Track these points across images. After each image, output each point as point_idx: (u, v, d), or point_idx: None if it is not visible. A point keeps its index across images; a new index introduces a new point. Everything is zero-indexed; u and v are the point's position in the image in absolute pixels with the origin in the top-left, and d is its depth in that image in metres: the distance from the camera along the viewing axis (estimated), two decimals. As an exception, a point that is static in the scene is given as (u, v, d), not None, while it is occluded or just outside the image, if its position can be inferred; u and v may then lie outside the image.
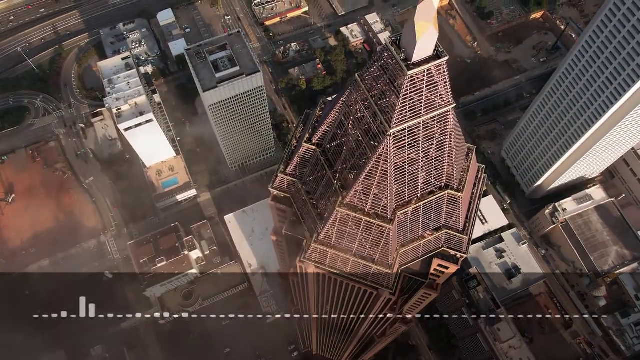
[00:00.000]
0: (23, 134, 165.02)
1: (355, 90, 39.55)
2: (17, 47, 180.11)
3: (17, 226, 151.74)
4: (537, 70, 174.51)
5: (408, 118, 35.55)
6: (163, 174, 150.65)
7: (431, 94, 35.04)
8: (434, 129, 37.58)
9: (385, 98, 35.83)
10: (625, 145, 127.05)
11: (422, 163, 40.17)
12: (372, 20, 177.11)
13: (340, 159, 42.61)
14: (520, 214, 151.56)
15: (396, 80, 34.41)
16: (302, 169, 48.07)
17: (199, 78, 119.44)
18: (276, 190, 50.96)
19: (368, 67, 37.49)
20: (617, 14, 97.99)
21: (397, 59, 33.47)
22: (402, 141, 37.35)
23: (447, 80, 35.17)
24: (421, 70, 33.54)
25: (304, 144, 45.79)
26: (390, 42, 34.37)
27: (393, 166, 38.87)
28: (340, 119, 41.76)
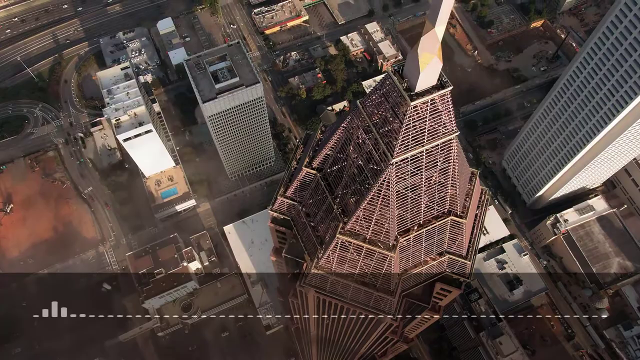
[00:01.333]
0: (22, 144, 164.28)
1: (356, 116, 38.74)
2: (17, 56, 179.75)
3: (15, 236, 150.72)
4: (538, 80, 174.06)
5: (411, 147, 34.78)
6: (162, 184, 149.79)
7: (435, 122, 34.28)
8: (437, 156, 36.82)
9: (387, 126, 35.06)
10: (628, 156, 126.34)
11: (425, 190, 39.39)
12: (372, 29, 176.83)
13: (341, 184, 41.80)
14: (522, 225, 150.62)
15: (399, 108, 33.67)
16: (302, 192, 47.22)
17: (198, 89, 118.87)
18: (276, 213, 50.14)
19: (370, 93, 36.72)
20: (619, 27, 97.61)
21: (399, 88, 32.74)
22: (405, 169, 36.59)
23: (450, 109, 34.42)
24: (424, 100, 32.84)
25: (304, 168, 44.95)
26: (393, 70, 33.65)
27: (395, 193, 38.09)
28: (342, 144, 40.97)
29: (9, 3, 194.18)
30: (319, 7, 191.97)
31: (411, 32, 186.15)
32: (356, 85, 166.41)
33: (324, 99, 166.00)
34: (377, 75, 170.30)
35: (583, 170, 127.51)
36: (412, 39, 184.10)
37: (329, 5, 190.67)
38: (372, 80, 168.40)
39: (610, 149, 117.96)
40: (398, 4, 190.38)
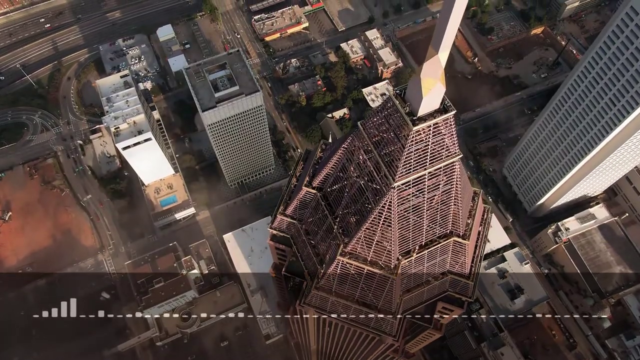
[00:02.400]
0: (21, 151, 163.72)
1: (357, 138, 38.16)
2: (16, 63, 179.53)
3: (14, 245, 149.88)
4: (538, 87, 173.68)
5: (413, 170, 34.21)
6: (161, 191, 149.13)
7: (437, 145, 33.71)
8: (440, 178, 36.24)
9: (389, 148, 34.50)
10: (630, 164, 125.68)
11: (427, 211, 38.78)
12: (372, 36, 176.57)
13: (342, 205, 41.19)
14: (523, 233, 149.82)
15: (400, 131, 33.11)
16: (301, 211, 46.60)
17: (198, 97, 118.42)
18: (275, 230, 49.50)
19: (371, 116, 36.17)
20: (620, 36, 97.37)
21: (401, 112, 32.19)
22: (407, 191, 35.98)
23: (453, 132, 33.83)
24: (427, 125, 32.27)
25: (304, 187, 44.32)
26: (395, 94, 33.08)
27: (397, 215, 37.47)
28: (342, 165, 40.37)
29: (9, 10, 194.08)
30: (319, 14, 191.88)
31: (411, 39, 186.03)
32: (356, 93, 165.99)
33: (324, 106, 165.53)
34: (377, 83, 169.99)
35: (585, 178, 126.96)
36: (412, 46, 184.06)
37: (329, 12, 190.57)
38: (372, 87, 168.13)
39: (612, 157, 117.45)
40: (398, 11, 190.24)
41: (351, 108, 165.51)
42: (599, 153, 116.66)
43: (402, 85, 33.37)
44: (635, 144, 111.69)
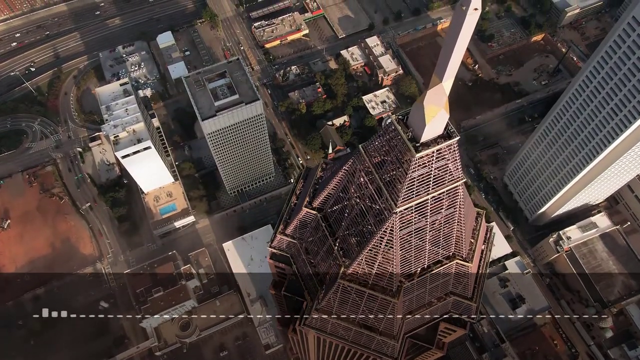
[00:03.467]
0: (20, 158, 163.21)
1: (358, 161, 37.53)
2: (16, 70, 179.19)
3: (12, 253, 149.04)
4: (539, 94, 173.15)
5: (415, 196, 33.61)
6: (161, 200, 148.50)
7: (441, 171, 33.10)
8: (443, 202, 35.61)
9: (391, 172, 33.89)
10: (631, 173, 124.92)
11: (430, 234, 38.13)
12: (372, 44, 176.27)
13: (343, 226, 40.52)
14: (524, 241, 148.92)
15: (403, 156, 32.52)
16: (301, 231, 45.93)
17: (197, 106, 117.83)
18: (275, 249, 48.79)
19: (373, 140, 35.55)
20: (622, 46, 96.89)
21: (404, 138, 31.59)
22: (409, 216, 35.32)
23: (457, 157, 33.22)
24: (430, 151, 31.65)
25: (304, 208, 43.67)
26: (397, 119, 32.47)
27: (399, 239, 36.80)
28: (343, 187, 39.73)
29: (9, 16, 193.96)
30: (319, 20, 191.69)
31: (411, 46, 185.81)
32: (356, 100, 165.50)
33: (324, 113, 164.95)
34: (377, 90, 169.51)
35: (586, 187, 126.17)
36: (412, 53, 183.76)
37: (329, 19, 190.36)
38: (372, 95, 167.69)
39: (615, 167, 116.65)
40: (398, 18, 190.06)
41: (351, 115, 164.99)
42: (600, 162, 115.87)
43: (405, 110, 32.78)
44: (638, 152, 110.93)
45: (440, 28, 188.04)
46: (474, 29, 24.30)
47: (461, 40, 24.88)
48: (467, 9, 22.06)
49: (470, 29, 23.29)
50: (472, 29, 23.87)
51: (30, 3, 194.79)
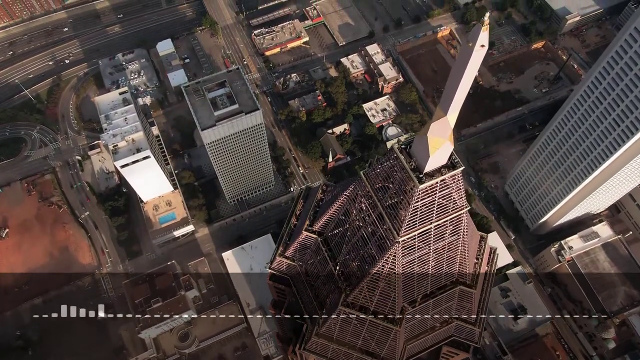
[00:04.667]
0: (18, 166, 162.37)
1: (360, 188, 36.83)
2: (15, 77, 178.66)
3: (10, 262, 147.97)
4: (540, 102, 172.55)
5: (418, 225, 32.90)
6: (160, 209, 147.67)
7: (444, 200, 32.40)
8: (446, 229, 34.90)
9: (393, 199, 33.17)
10: (634, 182, 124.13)
11: (433, 262, 37.36)
12: (372, 51, 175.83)
13: (344, 250, 39.76)
14: (525, 250, 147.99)
15: (405, 185, 31.81)
16: (302, 253, 45.14)
17: (197, 116, 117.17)
18: (274, 271, 48.02)
19: (374, 167, 34.83)
20: (624, 57, 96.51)
21: (406, 168, 30.89)
22: (412, 244, 34.60)
23: (461, 186, 32.52)
24: (434, 182, 30.95)
25: (304, 232, 42.89)
26: (399, 148, 31.75)
27: (401, 267, 36.04)
28: (344, 212, 38.99)
29: (9, 24, 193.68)
30: (320, 28, 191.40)
31: (411, 53, 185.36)
32: (357, 108, 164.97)
33: (324, 121, 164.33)
34: (377, 98, 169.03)
35: (589, 197, 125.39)
36: (413, 61, 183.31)
37: (330, 26, 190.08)
38: (372, 102, 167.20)
39: (617, 176, 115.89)
40: (398, 25, 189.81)
41: (351, 124, 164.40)
42: (603, 172, 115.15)
43: (407, 139, 32.09)
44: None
45: (440, 35, 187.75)
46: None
47: (467, 76, 24.25)
48: (474, 45, 21.44)
49: (476, 65, 22.68)
50: (479, 65, 23.23)
51: (30, 10, 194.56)
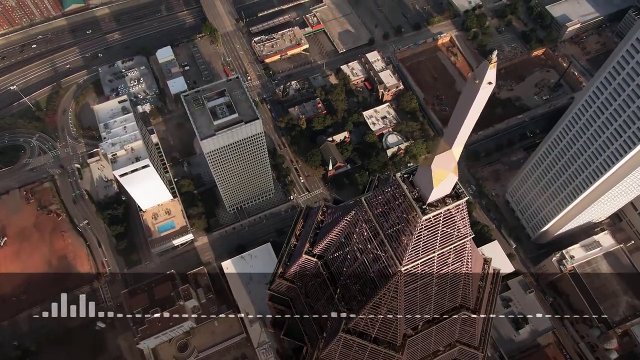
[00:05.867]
0: (17, 174, 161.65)
1: (361, 213, 36.13)
2: (14, 84, 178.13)
3: (8, 271, 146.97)
4: (540, 109, 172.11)
5: (421, 255, 32.20)
6: (159, 217, 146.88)
7: (448, 229, 31.70)
8: (450, 257, 34.17)
9: (395, 227, 32.47)
10: (637, 191, 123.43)
11: (436, 288, 36.61)
12: (372, 58, 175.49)
13: (344, 275, 38.98)
14: (526, 259, 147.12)
15: (408, 214, 31.13)
16: (302, 276, 44.35)
17: (196, 125, 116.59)
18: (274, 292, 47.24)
19: (376, 194, 34.13)
20: (626, 68, 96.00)
21: (409, 199, 30.20)
22: (414, 272, 33.87)
23: (465, 215, 31.84)
24: (438, 213, 30.28)
25: (304, 255, 42.15)
26: (402, 177, 31.06)
27: (403, 295, 35.28)
28: (345, 237, 38.25)
29: (8, 31, 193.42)
30: (319, 35, 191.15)
31: (412, 61, 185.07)
32: (357, 116, 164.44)
33: (324, 129, 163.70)
34: (378, 105, 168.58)
35: (590, 207, 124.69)
36: (413, 68, 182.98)
37: (330, 33, 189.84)
38: (372, 110, 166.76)
39: (620, 185, 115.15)
40: (399, 32, 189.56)
41: (352, 131, 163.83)
42: (605, 181, 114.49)
43: (410, 168, 31.43)
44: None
45: (440, 42, 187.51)
46: (475, 45, 22.81)
47: (473, 112, 23.63)
48: (481, 82, 20.80)
49: (482, 101, 22.05)
50: (485, 101, 22.62)
51: (30, 17, 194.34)
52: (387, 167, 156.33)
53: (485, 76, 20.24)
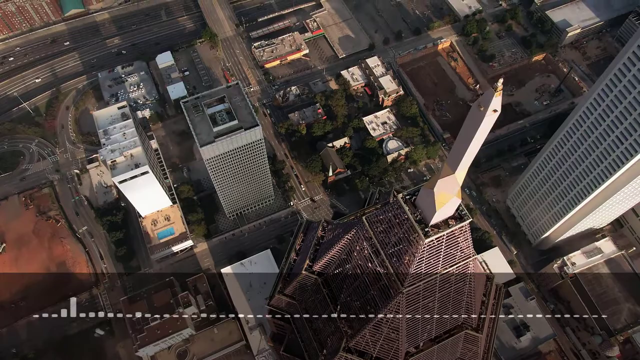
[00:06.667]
0: (16, 180, 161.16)
1: (362, 232, 35.57)
2: (14, 90, 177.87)
3: (7, 278, 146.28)
4: (541, 114, 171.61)
5: (423, 276, 31.67)
6: (159, 223, 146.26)
7: (451, 250, 31.17)
8: (453, 277, 33.63)
9: (396, 247, 31.93)
10: (638, 198, 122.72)
11: (438, 308, 36.02)
12: (373, 64, 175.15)
13: (345, 293, 38.37)
14: (527, 266, 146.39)
15: (410, 235, 30.60)
16: (301, 292, 43.75)
17: (196, 132, 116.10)
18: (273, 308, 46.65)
19: (377, 213, 33.60)
20: (628, 75, 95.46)
21: (411, 220, 29.68)
22: (416, 293, 33.30)
23: (469, 236, 31.31)
24: (440, 235, 29.75)
25: (304, 272, 41.57)
26: (403, 198, 30.52)
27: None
28: (346, 255, 37.69)
29: (8, 36, 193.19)
30: (320, 40, 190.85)
31: (412, 66, 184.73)
32: (357, 121, 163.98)
33: (324, 135, 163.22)
34: (378, 111, 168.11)
35: (592, 213, 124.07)
36: (413, 73, 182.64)
37: (330, 39, 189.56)
38: (373, 116, 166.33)
39: (622, 192, 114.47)
40: (399, 38, 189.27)
41: (352, 137, 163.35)
42: (607, 188, 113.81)
43: (412, 189, 30.90)
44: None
45: (440, 47, 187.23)
46: (475, 50, 22.39)
47: (477, 138, 23.16)
48: (486, 110, 20.33)
49: (487, 128, 21.60)
50: (489, 128, 22.16)
51: (30, 23, 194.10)
52: (388, 173, 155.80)
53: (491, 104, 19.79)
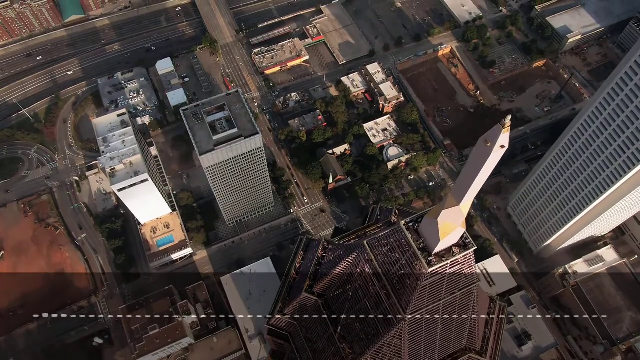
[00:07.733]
0: (15, 187, 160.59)
1: (363, 255, 34.90)
2: (13, 96, 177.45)
3: (5, 285, 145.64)
4: (542, 121, 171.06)
5: (426, 303, 30.95)
6: (158, 231, 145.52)
7: (455, 277, 30.51)
8: (456, 303, 32.94)
9: (399, 271, 31.23)
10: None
11: (441, 333, 35.32)
12: (373, 70, 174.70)
13: (345, 315, 37.65)
14: (529, 274, 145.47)
15: (413, 261, 29.94)
16: (301, 312, 43.05)
17: (195, 140, 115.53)
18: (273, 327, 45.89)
19: (379, 238, 32.95)
20: (629, 84, 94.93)
21: (414, 249, 29.02)
22: (419, 320, 32.59)
23: (473, 263, 30.65)
24: (444, 264, 29.11)
25: (304, 293, 40.86)
26: (406, 225, 29.87)
27: (407, 341, 33.99)
28: (346, 278, 37.00)
29: (8, 42, 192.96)
30: (320, 47, 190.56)
31: (412, 72, 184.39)
32: (357, 128, 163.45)
33: (324, 141, 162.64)
34: (378, 117, 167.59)
35: (594, 221, 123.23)
36: (413, 79, 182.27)
37: (330, 45, 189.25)
38: (373, 122, 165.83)
39: (624, 201, 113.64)
40: (399, 44, 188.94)
41: (352, 144, 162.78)
42: (609, 197, 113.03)
43: (415, 215, 30.25)
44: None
45: (441, 54, 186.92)
46: (476, 56, 21.87)
47: (483, 173, 22.58)
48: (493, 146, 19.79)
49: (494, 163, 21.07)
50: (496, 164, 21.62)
51: (30, 29, 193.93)
52: (388, 180, 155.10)
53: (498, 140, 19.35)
